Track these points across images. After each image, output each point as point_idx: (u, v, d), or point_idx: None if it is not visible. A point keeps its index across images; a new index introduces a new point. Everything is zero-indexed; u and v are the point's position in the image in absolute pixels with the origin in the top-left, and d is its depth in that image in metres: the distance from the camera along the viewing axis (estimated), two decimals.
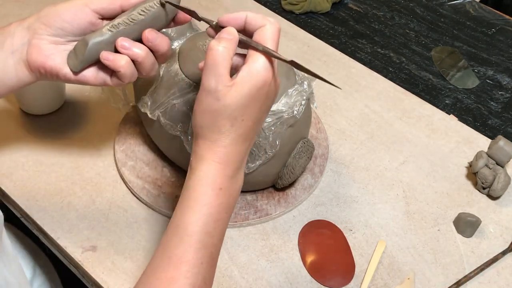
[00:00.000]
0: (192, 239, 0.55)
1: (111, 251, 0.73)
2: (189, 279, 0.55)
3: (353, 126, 0.92)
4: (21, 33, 0.62)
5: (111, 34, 0.60)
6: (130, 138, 0.85)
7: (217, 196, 0.57)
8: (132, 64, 0.60)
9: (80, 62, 0.60)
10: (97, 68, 0.62)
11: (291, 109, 0.71)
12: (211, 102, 0.54)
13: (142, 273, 0.57)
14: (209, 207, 0.56)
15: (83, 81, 0.62)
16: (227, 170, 0.57)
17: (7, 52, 0.62)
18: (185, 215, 0.56)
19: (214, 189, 0.56)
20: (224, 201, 0.57)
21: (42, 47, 0.61)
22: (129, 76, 0.61)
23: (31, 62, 0.61)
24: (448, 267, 0.75)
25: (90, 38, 0.59)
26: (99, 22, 0.62)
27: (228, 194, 0.58)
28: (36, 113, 0.88)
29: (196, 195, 0.56)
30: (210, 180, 0.56)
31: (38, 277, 0.84)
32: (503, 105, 0.99)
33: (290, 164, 0.75)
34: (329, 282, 0.73)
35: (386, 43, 1.09)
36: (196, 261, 0.55)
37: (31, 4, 1.07)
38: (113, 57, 0.59)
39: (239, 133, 0.56)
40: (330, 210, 0.80)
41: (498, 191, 0.81)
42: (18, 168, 0.81)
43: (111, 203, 0.78)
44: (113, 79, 0.62)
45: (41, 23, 0.61)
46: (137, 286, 0.57)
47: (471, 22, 1.15)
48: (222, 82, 0.54)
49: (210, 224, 0.56)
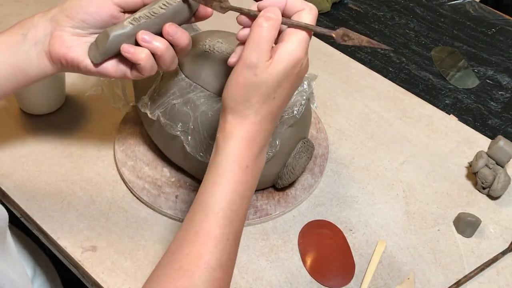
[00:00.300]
0: (219, 215, 0.56)
1: (111, 251, 0.73)
2: (215, 255, 0.55)
3: (353, 126, 0.92)
4: (44, 24, 0.62)
5: (132, 27, 0.60)
6: (130, 138, 0.85)
7: (243, 174, 0.57)
8: (152, 57, 0.61)
9: (101, 54, 0.61)
10: (117, 61, 0.63)
11: (291, 109, 0.71)
12: (249, 77, 0.55)
13: (166, 251, 0.57)
14: (236, 184, 0.57)
15: (103, 73, 0.63)
16: (254, 148, 0.57)
17: (30, 43, 0.62)
18: (212, 191, 0.57)
19: (241, 167, 0.57)
20: (250, 179, 0.58)
21: (64, 38, 0.62)
22: (149, 69, 0.61)
23: (53, 53, 0.62)
24: (448, 267, 0.75)
25: (111, 30, 0.60)
26: (121, 15, 0.62)
27: (253, 172, 0.58)
28: (36, 113, 0.88)
29: (223, 172, 0.57)
30: (237, 157, 0.57)
31: (38, 277, 0.84)
32: (503, 105, 0.99)
33: (290, 164, 0.75)
34: (329, 282, 0.73)
35: (386, 43, 1.09)
36: (223, 237, 0.56)
37: (31, 4, 1.07)
38: (134, 50, 0.60)
39: (269, 111, 0.57)
40: (330, 210, 0.80)
41: (498, 191, 0.81)
42: (18, 168, 0.81)
43: (111, 203, 0.78)
44: (133, 71, 0.63)
45: (64, 15, 0.61)
46: (161, 263, 0.56)
47: (471, 22, 1.15)
48: (264, 58, 0.55)
49: (236, 201, 0.57)
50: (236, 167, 0.57)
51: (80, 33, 0.62)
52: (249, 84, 0.56)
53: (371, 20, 1.14)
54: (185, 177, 0.80)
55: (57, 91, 0.88)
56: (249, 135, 0.57)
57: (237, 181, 0.57)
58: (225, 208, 0.56)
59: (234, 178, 0.57)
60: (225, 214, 0.56)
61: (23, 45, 0.63)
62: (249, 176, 0.58)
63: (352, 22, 1.13)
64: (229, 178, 0.57)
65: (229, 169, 0.57)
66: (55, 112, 0.89)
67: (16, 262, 0.64)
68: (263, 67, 0.55)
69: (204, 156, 0.72)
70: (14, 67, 0.63)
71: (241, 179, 0.57)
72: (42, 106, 0.87)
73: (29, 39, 0.63)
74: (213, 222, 0.56)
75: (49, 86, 0.85)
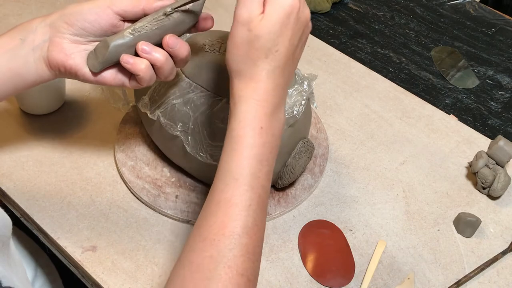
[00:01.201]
0: (238, 182, 0.55)
1: (111, 251, 0.73)
2: (239, 222, 0.54)
3: (353, 126, 0.92)
4: (43, 30, 0.62)
5: (132, 38, 0.60)
6: (130, 138, 0.85)
7: (259, 136, 0.56)
8: (151, 68, 0.61)
9: (100, 63, 0.61)
10: (116, 70, 0.63)
11: (291, 109, 0.71)
12: (244, 34, 0.55)
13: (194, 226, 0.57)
14: (252, 148, 0.56)
15: (102, 82, 0.63)
16: (266, 107, 0.57)
17: (28, 48, 0.62)
18: (229, 158, 0.56)
19: (255, 129, 0.56)
20: (267, 140, 0.57)
21: (63, 45, 0.61)
22: (148, 79, 0.61)
23: (51, 60, 0.62)
24: (448, 267, 0.75)
25: (111, 40, 0.60)
26: (121, 24, 0.62)
27: (270, 133, 0.57)
28: (36, 113, 0.88)
29: (237, 137, 0.56)
30: (250, 120, 0.56)
31: (39, 277, 0.84)
32: (503, 105, 0.99)
33: (290, 164, 0.75)
34: (329, 282, 0.73)
35: (386, 43, 1.09)
36: (245, 203, 0.55)
37: (31, 4, 1.07)
38: (133, 61, 0.60)
39: (275, 65, 0.56)
40: (330, 210, 0.80)
41: (498, 191, 0.81)
42: (18, 168, 0.81)
43: (111, 203, 0.78)
44: (131, 81, 0.63)
45: (64, 22, 0.61)
46: (190, 237, 0.56)
47: (471, 22, 1.15)
48: (255, 12, 0.54)
49: (255, 165, 0.56)
50: (250, 131, 0.56)
51: (79, 41, 0.62)
52: (246, 41, 0.55)
53: (371, 20, 1.14)
54: (185, 177, 0.80)
55: (57, 92, 0.88)
56: (259, 95, 0.56)
57: (253, 144, 0.56)
58: (243, 174, 0.55)
59: (249, 142, 0.56)
60: (244, 180, 0.55)
61: (21, 50, 0.62)
62: (266, 137, 0.57)
63: (352, 22, 1.13)
64: (244, 143, 0.56)
65: (243, 134, 0.56)
66: (55, 112, 0.89)
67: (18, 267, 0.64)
68: (256, 21, 0.54)
69: (204, 156, 0.72)
70: (11, 71, 0.63)
71: (258, 142, 0.56)
72: (42, 106, 0.87)
73: (27, 44, 0.62)
74: (233, 189, 0.55)
75: (49, 86, 0.85)
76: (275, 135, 0.58)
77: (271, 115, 0.57)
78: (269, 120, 0.57)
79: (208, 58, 0.71)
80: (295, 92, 0.71)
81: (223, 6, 1.10)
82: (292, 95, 0.71)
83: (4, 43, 0.63)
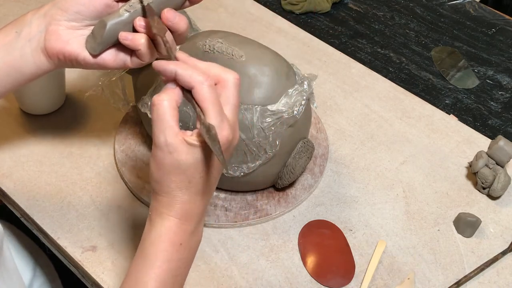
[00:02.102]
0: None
1: (111, 251, 0.73)
2: None
3: (353, 126, 0.92)
4: (37, 21, 0.62)
5: (129, 15, 0.60)
6: (130, 138, 0.85)
7: (177, 252, 0.56)
8: (151, 43, 0.60)
9: (99, 44, 0.61)
10: (115, 50, 0.62)
11: (291, 109, 0.71)
12: (164, 156, 0.53)
13: None
14: (169, 263, 0.56)
15: (102, 64, 0.62)
16: (187, 225, 0.56)
17: (24, 41, 0.62)
18: (144, 270, 0.56)
19: (175, 245, 0.56)
20: (184, 256, 0.57)
21: (59, 33, 0.61)
22: (149, 55, 0.60)
23: (49, 49, 0.61)
24: (448, 267, 0.75)
25: (108, 19, 0.60)
26: (115, 5, 0.61)
27: (188, 248, 0.57)
28: (36, 113, 0.88)
29: (156, 251, 0.56)
30: (170, 236, 0.56)
31: (38, 277, 0.84)
32: (503, 105, 0.99)
33: (290, 164, 0.75)
34: (329, 282, 0.73)
35: (386, 43, 1.09)
36: None
37: (31, 4, 1.07)
38: (132, 37, 0.59)
39: (198, 189, 0.55)
40: (330, 210, 0.80)
41: (498, 191, 0.81)
42: (18, 168, 0.81)
43: (111, 203, 0.78)
44: (133, 59, 0.62)
45: (58, 9, 0.61)
46: None
47: (471, 22, 1.15)
48: (171, 134, 0.52)
49: (169, 280, 0.56)
50: (169, 247, 0.56)
51: (75, 26, 0.61)
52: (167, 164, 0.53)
53: (371, 20, 1.14)
54: None
55: (57, 91, 0.88)
56: (181, 215, 0.55)
57: (170, 260, 0.56)
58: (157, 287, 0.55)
59: (167, 257, 0.56)
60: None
61: (17, 43, 0.62)
62: (184, 253, 0.57)
63: (352, 22, 1.13)
64: (162, 258, 0.55)
65: (162, 249, 0.56)
66: (55, 112, 0.89)
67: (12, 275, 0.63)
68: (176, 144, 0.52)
69: None
70: (8, 65, 0.62)
71: (175, 258, 0.56)
72: (42, 106, 0.87)
73: (23, 36, 0.62)
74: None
75: (49, 86, 0.85)
76: (192, 249, 0.58)
77: (191, 233, 0.57)
78: (189, 237, 0.57)
79: (208, 58, 0.71)
80: (295, 92, 0.71)
81: (223, 6, 1.10)
82: (292, 95, 0.71)
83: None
